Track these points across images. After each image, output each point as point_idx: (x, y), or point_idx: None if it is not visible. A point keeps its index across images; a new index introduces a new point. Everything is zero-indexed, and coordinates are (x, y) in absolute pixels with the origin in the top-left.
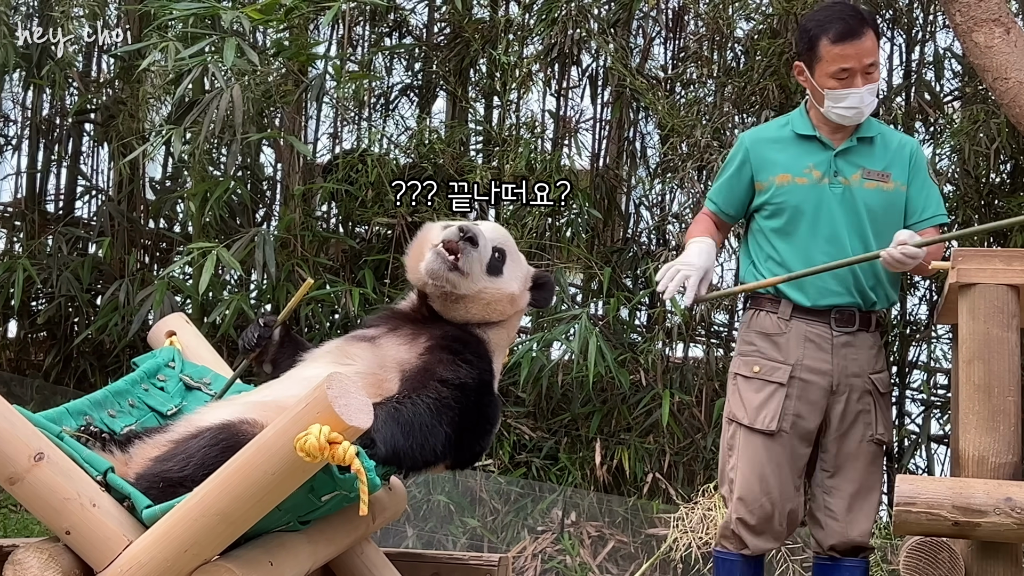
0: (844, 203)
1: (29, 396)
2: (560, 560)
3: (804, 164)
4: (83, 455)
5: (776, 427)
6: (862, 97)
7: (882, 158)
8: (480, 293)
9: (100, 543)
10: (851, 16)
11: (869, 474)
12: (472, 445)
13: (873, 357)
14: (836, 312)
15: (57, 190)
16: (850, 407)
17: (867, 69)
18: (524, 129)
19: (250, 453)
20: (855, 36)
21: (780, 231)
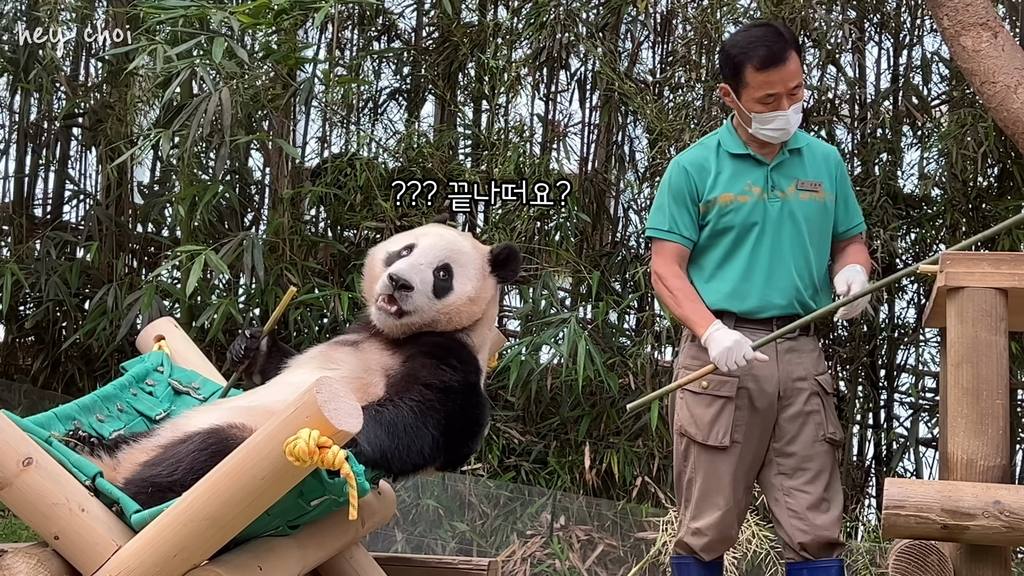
0: (784, 216)
1: (17, 401)
2: (549, 564)
3: (743, 182)
4: (72, 460)
5: (729, 441)
6: (788, 118)
7: (812, 169)
8: (437, 316)
9: (89, 548)
10: (774, 41)
11: (827, 472)
12: (460, 447)
13: (816, 360)
14: (778, 321)
15: (45, 194)
16: (799, 410)
17: (792, 91)
18: (513, 133)
19: (239, 457)
20: (779, 62)
21: (724, 250)
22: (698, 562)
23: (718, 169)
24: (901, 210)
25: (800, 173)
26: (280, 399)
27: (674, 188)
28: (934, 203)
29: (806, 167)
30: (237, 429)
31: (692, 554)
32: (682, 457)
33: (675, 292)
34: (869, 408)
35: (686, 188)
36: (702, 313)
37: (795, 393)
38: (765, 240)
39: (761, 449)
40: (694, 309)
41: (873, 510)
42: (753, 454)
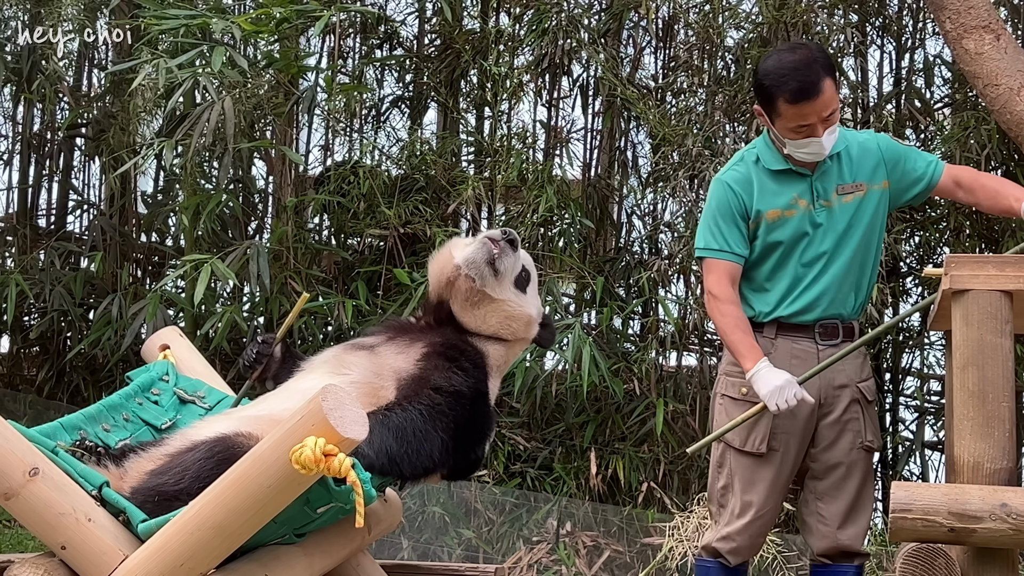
0: (831, 224)
1: (22, 411)
2: (556, 570)
3: (789, 196)
4: (78, 470)
5: (766, 448)
6: (822, 144)
7: (851, 170)
8: (503, 303)
9: (96, 558)
10: (805, 72)
11: (860, 480)
12: (468, 453)
13: (859, 366)
14: (820, 326)
15: (49, 204)
16: (838, 417)
17: (826, 118)
18: (515, 139)
19: (245, 466)
20: (812, 95)
21: (774, 263)
22: (722, 567)
23: (761, 185)
24: (905, 213)
25: (840, 178)
26: (288, 407)
27: (721, 207)
28: (938, 206)
29: (844, 170)
30: (244, 437)
31: (718, 558)
32: (718, 463)
33: (728, 318)
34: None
35: (733, 205)
36: (750, 346)
37: (835, 400)
38: (813, 250)
39: (799, 456)
40: (744, 341)
41: (880, 514)
42: (791, 462)
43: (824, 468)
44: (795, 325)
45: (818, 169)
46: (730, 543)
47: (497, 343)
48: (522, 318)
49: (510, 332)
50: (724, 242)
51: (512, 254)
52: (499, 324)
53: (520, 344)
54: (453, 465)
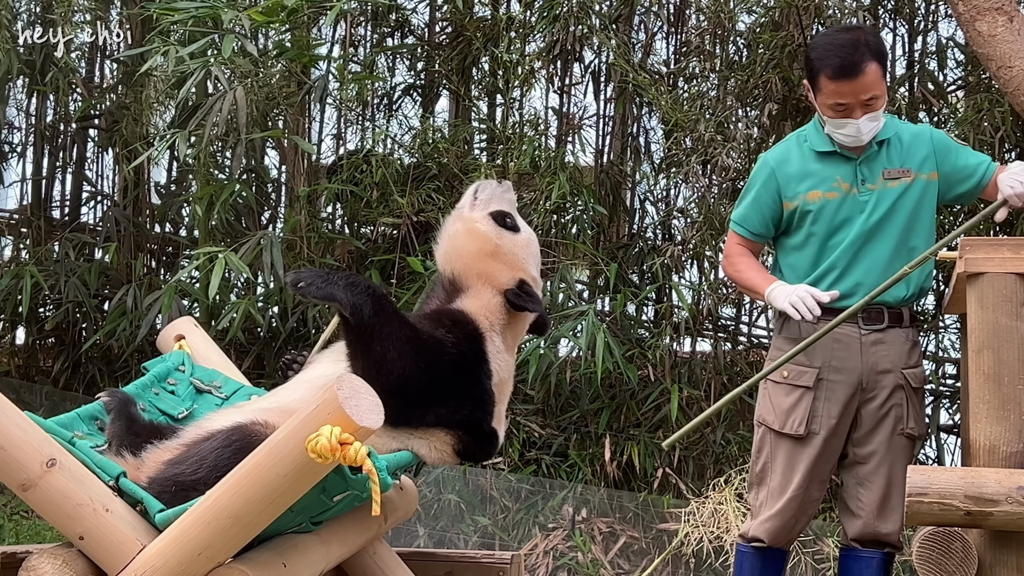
0: (875, 208)
1: (39, 402)
2: (572, 557)
3: (832, 178)
4: (95, 460)
5: (805, 431)
6: (859, 127)
7: (899, 156)
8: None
9: (114, 548)
10: (850, 52)
11: (900, 468)
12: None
13: (907, 352)
14: (864, 311)
15: (63, 196)
16: (881, 403)
17: (866, 102)
18: (528, 127)
19: (262, 455)
20: (852, 74)
21: (816, 247)
22: (756, 552)
23: (804, 166)
24: None
25: (887, 163)
26: (299, 397)
27: (754, 183)
28: None
29: (893, 156)
30: (260, 426)
31: (754, 542)
32: (758, 447)
33: (739, 265)
34: None
35: (767, 186)
36: (764, 276)
37: (878, 386)
38: (854, 232)
39: (840, 441)
40: (757, 274)
41: None
42: (831, 446)
43: (865, 454)
44: (838, 309)
45: (864, 153)
46: (766, 525)
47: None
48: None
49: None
50: (745, 217)
51: (496, 187)
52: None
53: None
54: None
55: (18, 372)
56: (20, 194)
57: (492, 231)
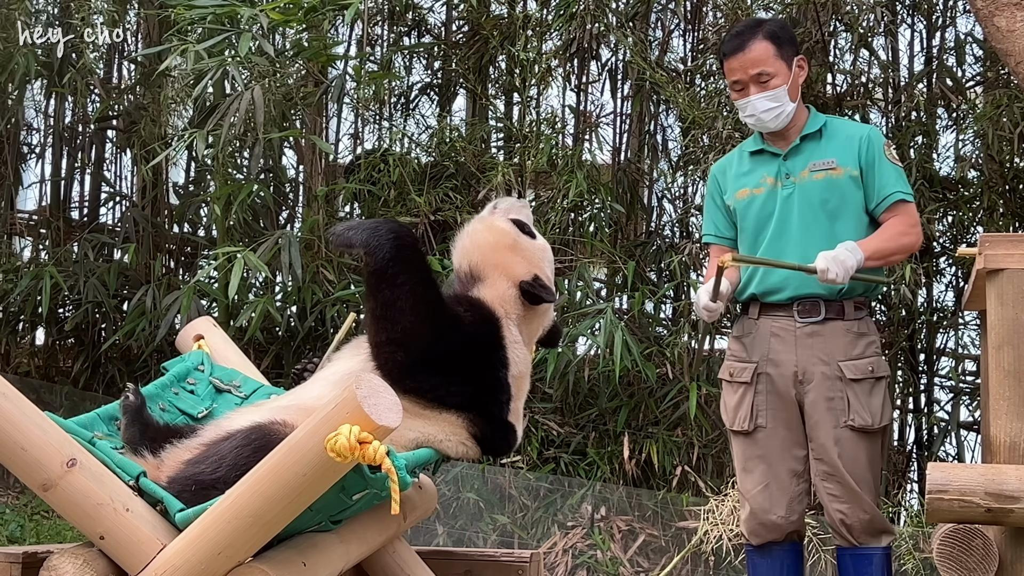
0: (796, 200)
1: (59, 403)
2: (591, 555)
3: (759, 175)
4: (115, 460)
5: (750, 426)
6: (755, 105)
7: (828, 148)
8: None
9: (134, 547)
10: (740, 30)
11: (855, 460)
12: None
13: (847, 344)
14: (799, 304)
15: (81, 197)
16: (818, 396)
17: (758, 78)
18: (545, 125)
19: (281, 455)
20: (739, 49)
21: (749, 242)
22: (752, 550)
23: (739, 169)
24: (937, 193)
25: (814, 155)
26: (318, 394)
27: (708, 193)
28: (971, 185)
29: (821, 148)
30: (280, 425)
31: (748, 540)
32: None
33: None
34: (909, 392)
35: (713, 191)
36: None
37: (815, 378)
38: (781, 226)
39: (793, 433)
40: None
41: (915, 495)
42: (784, 438)
43: (818, 447)
44: (774, 304)
45: (788, 147)
46: (746, 523)
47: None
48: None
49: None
50: (709, 224)
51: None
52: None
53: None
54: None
55: (38, 372)
56: (39, 195)
57: (511, 228)
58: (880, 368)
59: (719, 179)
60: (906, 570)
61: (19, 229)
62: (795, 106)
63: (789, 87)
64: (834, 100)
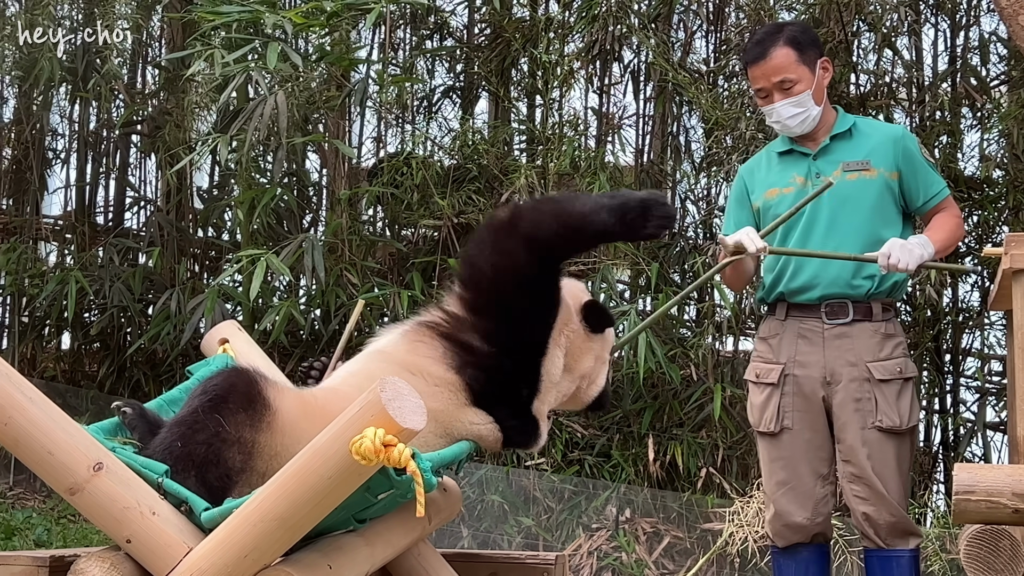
0: (827, 200)
1: (84, 407)
2: (616, 557)
3: (788, 175)
4: (139, 461)
5: (776, 427)
6: (779, 112)
7: (861, 148)
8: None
9: (161, 550)
10: (760, 38)
11: (881, 460)
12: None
13: (875, 345)
14: (825, 305)
15: (106, 202)
16: (846, 397)
17: (781, 85)
18: (567, 127)
19: (306, 458)
20: (761, 58)
21: (777, 241)
22: (777, 552)
23: (768, 169)
24: (963, 192)
25: (846, 155)
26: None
27: (733, 193)
28: (996, 184)
29: (853, 147)
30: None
31: (773, 542)
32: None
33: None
34: (935, 393)
35: (739, 191)
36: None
37: (842, 379)
38: (810, 225)
39: (819, 435)
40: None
41: (942, 496)
42: (809, 440)
43: (846, 448)
44: (801, 305)
45: (818, 147)
46: (771, 526)
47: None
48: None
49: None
50: (733, 226)
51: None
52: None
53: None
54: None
55: (64, 377)
56: (64, 200)
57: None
58: (908, 369)
59: (746, 180)
60: (933, 571)
61: (45, 234)
62: (820, 109)
63: (813, 91)
64: (858, 100)
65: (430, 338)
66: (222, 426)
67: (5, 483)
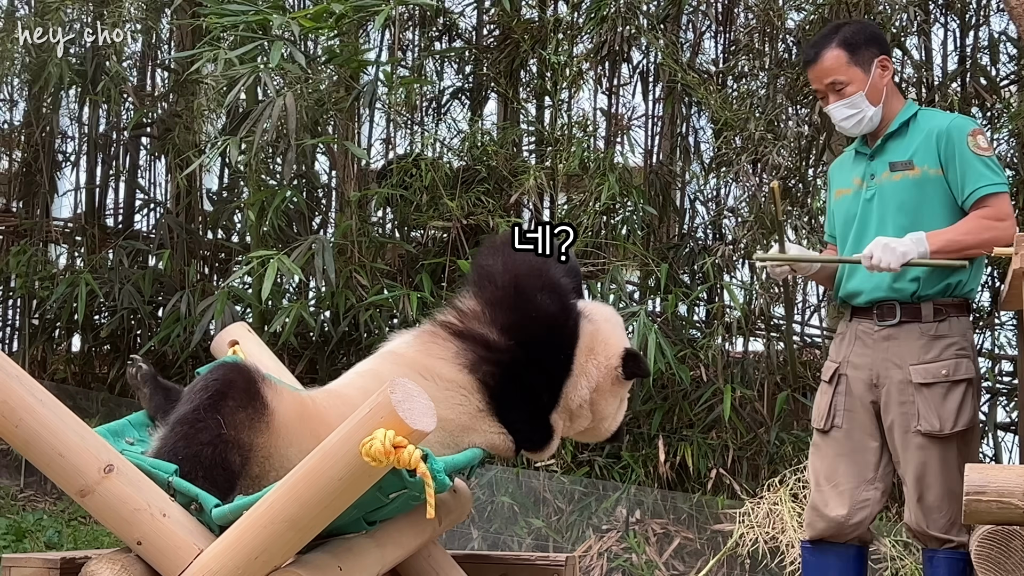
0: (876, 204)
1: (95, 409)
2: (626, 558)
3: (851, 177)
4: (148, 462)
5: (826, 424)
6: (834, 114)
7: (907, 147)
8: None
9: (171, 552)
10: (816, 40)
11: (926, 467)
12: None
13: (920, 348)
14: (877, 307)
15: (116, 204)
16: (890, 400)
17: (833, 87)
18: (576, 128)
19: (316, 460)
20: (813, 60)
21: (840, 244)
22: (808, 547)
23: (842, 168)
24: None
25: (894, 155)
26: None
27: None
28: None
29: (901, 147)
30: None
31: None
32: None
33: None
34: None
35: (829, 189)
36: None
37: (888, 382)
38: (862, 229)
39: (868, 436)
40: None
41: None
42: (857, 441)
43: (893, 451)
44: (859, 308)
45: (876, 147)
46: (806, 516)
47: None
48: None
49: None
50: (828, 224)
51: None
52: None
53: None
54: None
55: (74, 379)
56: (74, 203)
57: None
58: (959, 371)
59: (830, 178)
60: None
61: (55, 237)
62: (878, 109)
63: (867, 92)
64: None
65: (443, 338)
66: (223, 428)
67: (16, 485)
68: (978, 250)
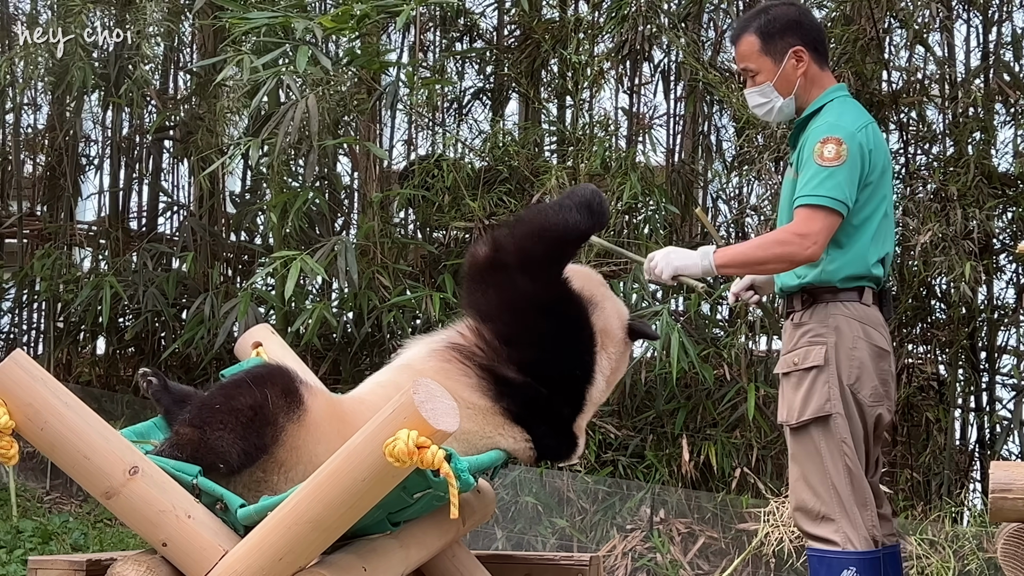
0: (782, 196)
1: (120, 411)
2: (651, 558)
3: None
4: (172, 465)
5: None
6: (748, 100)
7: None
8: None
9: (196, 554)
10: (739, 23)
11: (792, 457)
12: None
13: (787, 339)
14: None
15: (139, 207)
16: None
17: (747, 72)
18: (598, 128)
19: (340, 460)
20: (733, 43)
21: None
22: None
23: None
24: (996, 189)
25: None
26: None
27: None
28: None
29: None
30: None
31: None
32: None
33: None
34: (970, 391)
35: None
36: None
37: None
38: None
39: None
40: None
41: (978, 495)
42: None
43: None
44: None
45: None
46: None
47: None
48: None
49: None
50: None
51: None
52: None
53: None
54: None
55: (99, 382)
56: (98, 206)
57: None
58: (808, 358)
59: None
60: (970, 570)
61: (79, 240)
62: (789, 100)
63: (776, 82)
64: (890, 97)
65: (460, 363)
66: (267, 400)
67: (42, 487)
68: (772, 265)
